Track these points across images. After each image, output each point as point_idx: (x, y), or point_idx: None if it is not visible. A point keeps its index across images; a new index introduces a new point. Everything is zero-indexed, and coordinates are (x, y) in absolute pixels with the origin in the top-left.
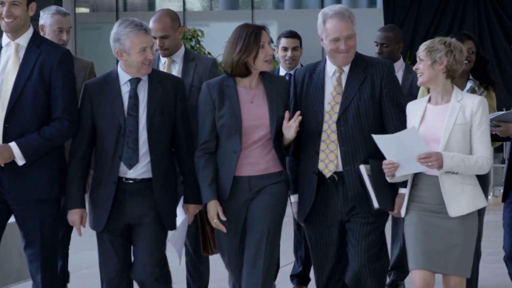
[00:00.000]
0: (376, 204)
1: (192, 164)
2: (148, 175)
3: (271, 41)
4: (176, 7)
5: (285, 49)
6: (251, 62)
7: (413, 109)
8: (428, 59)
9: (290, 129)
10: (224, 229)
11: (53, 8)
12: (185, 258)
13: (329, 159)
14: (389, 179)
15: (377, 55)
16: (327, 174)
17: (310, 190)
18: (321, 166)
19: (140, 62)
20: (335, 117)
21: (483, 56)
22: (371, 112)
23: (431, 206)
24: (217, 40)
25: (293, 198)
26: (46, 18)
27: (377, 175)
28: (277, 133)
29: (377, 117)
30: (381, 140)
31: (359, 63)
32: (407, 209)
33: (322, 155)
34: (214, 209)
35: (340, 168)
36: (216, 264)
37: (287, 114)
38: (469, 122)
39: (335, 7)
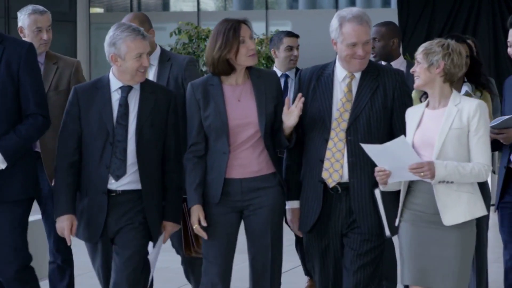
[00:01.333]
0: (388, 232)
1: (177, 181)
2: (131, 186)
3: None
4: (190, 7)
5: (290, 48)
6: (233, 58)
7: (412, 114)
8: (425, 62)
9: (291, 114)
10: (205, 236)
11: (30, 7)
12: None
13: (334, 169)
14: (382, 187)
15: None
16: (331, 184)
17: (315, 199)
18: (325, 175)
19: (135, 69)
20: (343, 125)
21: (476, 59)
22: (381, 123)
23: (425, 215)
24: None
25: (289, 205)
26: (23, 19)
27: (387, 200)
28: (269, 131)
29: (387, 129)
30: (371, 149)
31: (371, 70)
32: (401, 216)
33: (326, 164)
34: (196, 214)
35: (345, 179)
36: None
37: (287, 100)
38: (466, 126)
39: (352, 10)
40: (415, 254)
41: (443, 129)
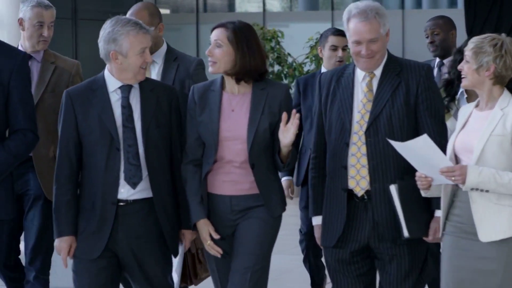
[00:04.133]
0: (406, 233)
1: None
2: (142, 195)
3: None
4: (256, 8)
5: (334, 48)
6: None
7: (461, 114)
8: (474, 62)
9: (287, 132)
10: (219, 252)
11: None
12: None
13: (361, 175)
14: (423, 193)
15: (428, 46)
16: (359, 192)
17: (339, 210)
18: (351, 183)
19: (138, 66)
20: (365, 127)
21: None
22: (405, 122)
23: (465, 227)
24: (297, 41)
25: (316, 221)
26: (25, 10)
27: (407, 197)
28: (261, 149)
29: (411, 128)
30: (398, 146)
31: (392, 67)
32: (444, 230)
33: (352, 171)
34: (205, 229)
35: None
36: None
37: (284, 115)
38: (510, 133)
39: (361, 4)
40: (454, 267)
41: (484, 135)
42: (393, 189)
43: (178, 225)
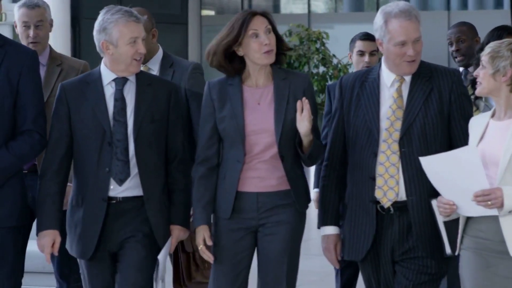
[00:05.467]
0: (448, 250)
1: (183, 181)
2: (132, 192)
3: (271, 30)
4: (301, 9)
5: (361, 53)
6: (245, 54)
7: (475, 125)
8: (490, 67)
9: (303, 120)
10: (211, 258)
11: (22, 0)
12: None
13: (389, 186)
14: (443, 218)
15: (454, 54)
16: (386, 203)
17: (368, 222)
18: (378, 194)
19: (130, 56)
20: (396, 135)
21: None
22: (438, 132)
23: (491, 244)
24: (342, 42)
25: (323, 231)
26: (15, 12)
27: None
28: (289, 142)
29: (445, 138)
30: (430, 162)
31: (423, 72)
32: (462, 243)
33: (380, 181)
34: (201, 235)
35: (402, 197)
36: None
37: (299, 104)
38: None
39: (399, 4)
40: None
41: (509, 146)
42: (435, 204)
43: (169, 224)
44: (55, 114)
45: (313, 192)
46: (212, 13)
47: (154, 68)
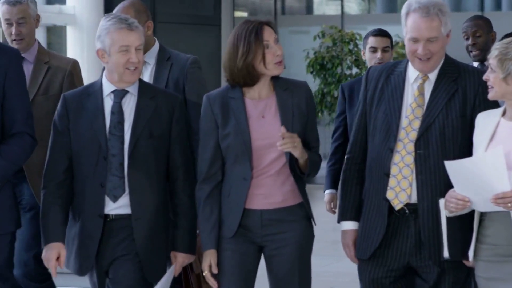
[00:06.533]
0: (446, 254)
1: (188, 203)
2: (125, 210)
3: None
4: (334, 10)
5: (374, 49)
6: (259, 66)
7: (484, 123)
8: (500, 71)
9: (289, 149)
10: (215, 285)
11: None
12: None
13: (401, 187)
14: (447, 213)
15: (469, 48)
16: (397, 205)
17: (379, 219)
18: (390, 195)
19: (122, 65)
20: (413, 135)
21: None
22: (459, 136)
23: (500, 248)
24: None
25: (343, 226)
26: None
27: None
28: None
29: (465, 142)
30: (455, 167)
31: (449, 71)
32: (475, 254)
33: (392, 182)
34: (208, 260)
35: (414, 200)
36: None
37: (283, 129)
38: None
39: None
40: None
41: None
42: (442, 203)
43: (167, 247)
44: (56, 127)
45: (325, 194)
46: (245, 14)
47: (150, 61)
